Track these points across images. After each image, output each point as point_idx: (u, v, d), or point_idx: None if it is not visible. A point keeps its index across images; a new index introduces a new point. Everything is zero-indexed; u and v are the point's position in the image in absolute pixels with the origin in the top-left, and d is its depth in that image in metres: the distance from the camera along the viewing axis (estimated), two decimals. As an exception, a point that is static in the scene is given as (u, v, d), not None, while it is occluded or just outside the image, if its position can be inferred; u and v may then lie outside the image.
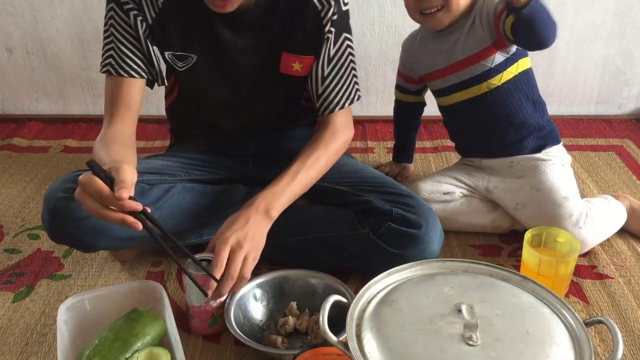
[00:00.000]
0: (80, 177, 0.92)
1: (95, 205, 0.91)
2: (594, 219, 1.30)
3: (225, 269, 1.02)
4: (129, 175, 0.91)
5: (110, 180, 0.91)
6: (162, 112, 1.45)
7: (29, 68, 2.02)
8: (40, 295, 1.23)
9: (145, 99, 1.24)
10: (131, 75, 1.17)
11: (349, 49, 1.22)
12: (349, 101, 1.26)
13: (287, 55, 1.21)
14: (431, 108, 1.86)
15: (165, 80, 1.25)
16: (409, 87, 1.55)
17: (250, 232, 1.07)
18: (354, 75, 1.26)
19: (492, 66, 1.32)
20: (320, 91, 1.24)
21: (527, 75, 1.36)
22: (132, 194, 0.90)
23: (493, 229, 1.41)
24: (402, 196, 1.23)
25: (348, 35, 1.22)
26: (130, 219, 0.92)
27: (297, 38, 1.19)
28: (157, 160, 1.31)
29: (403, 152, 1.68)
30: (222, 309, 1.10)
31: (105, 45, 1.19)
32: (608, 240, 1.38)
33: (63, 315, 1.01)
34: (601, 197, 1.41)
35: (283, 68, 1.22)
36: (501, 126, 1.36)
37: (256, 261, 1.07)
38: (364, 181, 1.28)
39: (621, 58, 2.03)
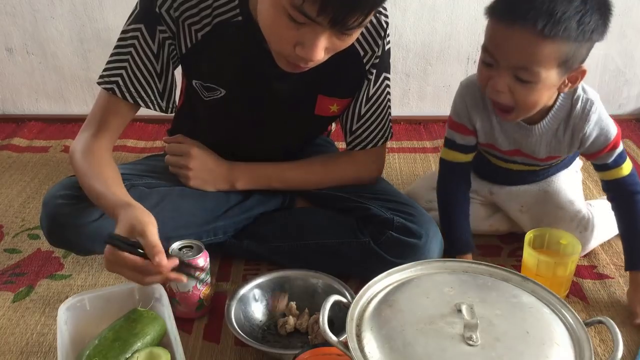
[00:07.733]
0: (105, 254, 0.94)
1: (134, 275, 0.94)
2: (596, 223, 1.29)
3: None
4: (156, 235, 0.93)
5: (135, 246, 0.93)
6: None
7: (29, 68, 2.02)
8: (40, 295, 1.23)
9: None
10: (137, 103, 1.12)
11: (387, 89, 1.21)
12: (382, 140, 1.25)
13: (323, 98, 1.18)
14: (431, 108, 1.85)
15: (175, 105, 1.20)
16: (466, 141, 1.22)
17: (205, 165, 1.21)
18: (389, 114, 1.24)
19: (561, 158, 1.29)
20: (354, 128, 1.23)
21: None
22: (163, 253, 0.93)
23: (491, 232, 1.41)
24: (403, 205, 1.22)
25: (387, 75, 1.20)
26: (173, 275, 0.96)
27: (337, 83, 1.17)
28: (156, 162, 1.30)
29: (461, 238, 1.24)
30: (209, 291, 1.13)
31: (115, 60, 1.11)
32: (608, 240, 1.38)
33: (63, 315, 1.01)
34: (603, 199, 1.40)
35: (319, 110, 1.20)
36: (544, 174, 1.35)
37: (190, 173, 1.21)
38: (365, 188, 1.27)
39: (621, 58, 2.03)
